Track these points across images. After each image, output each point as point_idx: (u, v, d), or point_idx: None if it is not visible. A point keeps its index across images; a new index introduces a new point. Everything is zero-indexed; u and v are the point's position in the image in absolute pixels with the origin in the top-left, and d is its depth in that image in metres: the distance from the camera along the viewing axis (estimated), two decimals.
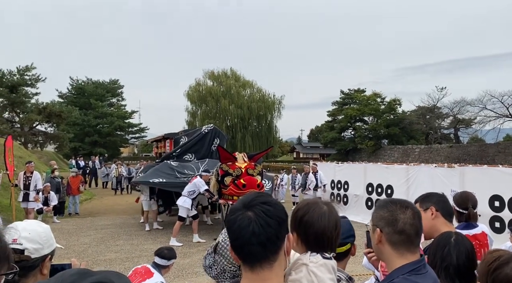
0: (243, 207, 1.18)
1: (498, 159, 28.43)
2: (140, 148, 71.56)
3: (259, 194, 1.25)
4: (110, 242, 9.11)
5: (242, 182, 8.45)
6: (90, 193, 18.72)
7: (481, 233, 2.57)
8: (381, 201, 1.64)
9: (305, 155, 66.51)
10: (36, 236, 1.54)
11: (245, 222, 1.14)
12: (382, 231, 1.53)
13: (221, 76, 42.84)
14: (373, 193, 11.80)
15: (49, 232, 1.63)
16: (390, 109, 43.61)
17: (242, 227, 1.15)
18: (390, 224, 1.51)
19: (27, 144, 30.22)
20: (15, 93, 30.68)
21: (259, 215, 1.15)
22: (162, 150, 14.36)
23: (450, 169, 9.45)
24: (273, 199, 1.24)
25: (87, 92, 48.23)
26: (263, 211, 1.16)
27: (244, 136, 40.46)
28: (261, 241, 1.13)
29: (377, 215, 1.57)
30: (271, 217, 1.16)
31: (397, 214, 1.51)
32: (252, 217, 1.15)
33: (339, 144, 45.98)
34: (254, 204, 1.17)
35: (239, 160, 8.98)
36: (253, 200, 1.19)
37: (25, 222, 1.60)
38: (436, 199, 2.25)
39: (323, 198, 12.81)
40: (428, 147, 37.42)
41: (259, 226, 1.13)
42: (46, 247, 1.56)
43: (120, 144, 51.62)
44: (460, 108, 37.19)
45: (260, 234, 1.13)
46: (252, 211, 1.16)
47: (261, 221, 1.14)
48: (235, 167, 8.76)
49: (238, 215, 1.17)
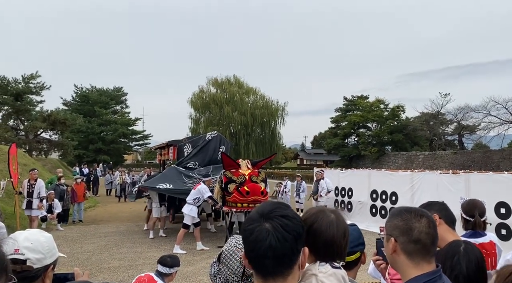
0: (261, 217, 1.16)
1: (503, 166, 28.24)
2: (143, 155, 71.76)
3: (278, 205, 1.23)
4: (114, 249, 9.08)
5: (246, 189, 8.42)
6: (94, 200, 18.73)
7: (488, 242, 2.51)
8: (395, 210, 1.60)
9: (308, 162, 66.42)
10: (38, 246, 1.53)
11: (263, 235, 1.13)
12: (396, 240, 1.48)
13: (224, 83, 43.01)
14: (378, 200, 11.73)
15: (52, 241, 1.61)
16: (393, 116, 43.55)
17: (259, 240, 1.13)
18: (405, 233, 1.47)
19: (32, 151, 30.35)
20: (20, 101, 30.90)
21: (277, 228, 1.13)
22: (165, 157, 14.36)
23: (455, 175, 9.38)
24: (292, 211, 1.22)
25: (91, 99, 48.55)
26: (281, 225, 1.14)
27: (248, 143, 40.50)
28: (277, 255, 1.12)
29: (391, 224, 1.53)
30: (289, 231, 1.14)
31: (412, 223, 1.47)
32: (270, 230, 1.13)
33: (342, 151, 45.88)
34: (272, 217, 1.16)
35: (242, 167, 8.96)
36: (272, 211, 1.18)
37: (27, 232, 1.58)
38: (438, 207, 2.22)
39: (328, 205, 12.81)
40: (432, 154, 37.25)
41: (276, 240, 1.12)
42: (48, 257, 1.55)
43: (123, 151, 51.84)
44: (464, 114, 37.05)
45: (276, 248, 1.12)
46: (269, 223, 1.14)
47: (279, 235, 1.13)
48: (239, 174, 8.74)
49: (255, 226, 1.15)
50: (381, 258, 1.80)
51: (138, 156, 73.07)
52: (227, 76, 43.80)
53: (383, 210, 11.45)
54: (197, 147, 11.86)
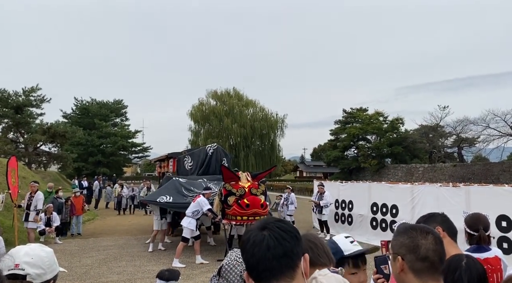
0: (257, 228, 1.17)
1: (503, 178, 28.20)
2: (143, 168, 71.61)
3: (274, 217, 1.25)
4: (113, 263, 9.00)
5: (245, 202, 8.38)
6: (93, 213, 18.63)
7: (493, 257, 2.46)
8: (400, 228, 1.58)
9: (308, 174, 66.26)
10: (39, 261, 1.51)
11: (260, 238, 1.13)
12: (404, 259, 1.46)
13: (224, 95, 43.19)
14: (378, 213, 11.67)
15: (52, 256, 1.60)
16: (392, 128, 43.63)
17: (256, 243, 1.13)
18: (412, 251, 1.45)
19: (31, 164, 30.28)
20: (20, 114, 30.95)
21: (273, 230, 1.14)
22: (165, 170, 14.34)
23: (456, 188, 9.36)
24: (286, 221, 1.23)
25: (91, 112, 48.67)
26: (277, 227, 1.15)
27: (247, 155, 40.48)
28: (277, 255, 1.10)
29: (397, 243, 1.51)
30: (285, 231, 1.14)
31: (418, 240, 1.46)
32: (266, 234, 1.14)
33: (342, 163, 45.82)
34: (268, 223, 1.17)
35: (242, 179, 8.93)
36: (267, 222, 1.19)
37: (27, 247, 1.57)
38: (440, 219, 2.20)
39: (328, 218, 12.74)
40: (432, 166, 37.22)
41: (274, 240, 1.12)
42: (49, 272, 1.53)
43: (123, 164, 51.76)
44: (463, 127, 37.14)
45: (275, 247, 1.11)
46: (266, 230, 1.15)
47: (276, 235, 1.13)
48: (239, 187, 8.70)
49: (251, 234, 1.16)
50: (381, 276, 1.78)
51: (137, 169, 72.92)
52: (227, 89, 44.07)
53: (384, 223, 11.39)
54: (200, 161, 11.87)
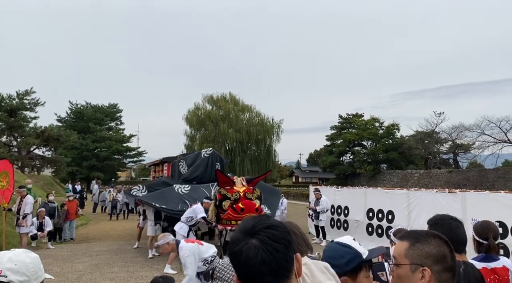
0: (245, 235, 1.09)
1: (498, 185, 28.30)
2: (137, 172, 71.27)
3: (259, 218, 1.16)
4: (105, 269, 8.87)
5: (240, 206, 8.28)
6: (86, 218, 18.45)
7: (501, 267, 2.37)
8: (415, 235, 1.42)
9: (304, 180, 66.33)
10: (22, 267, 1.43)
11: (252, 251, 1.06)
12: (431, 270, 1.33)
13: (220, 100, 43.15)
14: (374, 219, 11.61)
15: (38, 262, 1.52)
16: (388, 134, 43.78)
17: (250, 258, 1.06)
18: (440, 262, 1.34)
19: (24, 168, 30.02)
20: (14, 117, 30.71)
21: (265, 241, 1.07)
22: (160, 174, 14.23)
23: (452, 194, 9.33)
24: (275, 220, 1.16)
25: (86, 116, 48.45)
26: (268, 236, 1.08)
27: (243, 160, 40.38)
28: (272, 269, 1.06)
29: (420, 252, 1.36)
30: (278, 241, 1.08)
31: (444, 249, 1.35)
32: (258, 245, 1.07)
33: (338, 169, 45.86)
34: (257, 231, 1.09)
35: (237, 184, 8.84)
36: (255, 226, 1.11)
37: (11, 252, 1.49)
38: (444, 229, 2.05)
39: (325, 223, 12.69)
40: (428, 172, 37.31)
41: (268, 253, 1.06)
42: (33, 279, 1.46)
43: (117, 168, 51.44)
44: (459, 133, 37.30)
45: (270, 262, 1.05)
46: (256, 238, 1.08)
47: (269, 248, 1.06)
48: (233, 191, 8.61)
49: (242, 245, 1.08)
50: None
51: (132, 173, 72.56)
52: (223, 93, 44.03)
53: (380, 229, 11.33)
54: (194, 165, 11.76)
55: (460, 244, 2.08)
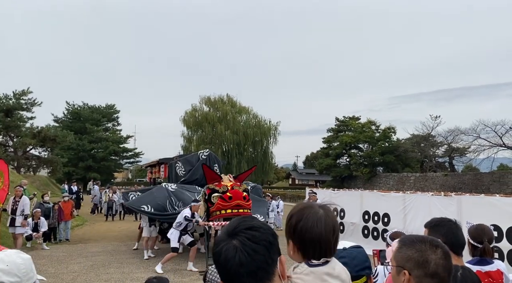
0: (228, 237, 1.09)
1: (493, 188, 28.43)
2: (134, 173, 71.08)
3: (243, 219, 1.16)
4: (101, 270, 8.83)
5: (228, 195, 8.44)
6: (82, 219, 18.37)
7: (495, 271, 2.38)
8: (406, 239, 1.46)
9: (300, 182, 66.29)
10: (14, 268, 1.43)
11: (231, 253, 1.05)
12: (411, 274, 1.35)
13: (217, 102, 43.17)
14: (370, 221, 11.63)
15: (30, 263, 1.51)
16: (384, 137, 43.90)
17: (228, 259, 1.05)
18: (420, 266, 1.34)
19: (20, 168, 29.87)
20: (10, 117, 30.56)
21: (244, 243, 1.06)
22: (156, 176, 14.22)
23: (447, 198, 9.37)
24: (258, 221, 1.15)
25: (83, 116, 48.33)
26: (247, 237, 1.07)
27: (240, 162, 40.38)
28: (250, 271, 1.04)
29: (403, 255, 1.39)
30: (257, 242, 1.07)
31: (428, 255, 1.35)
32: (237, 245, 1.06)
33: (334, 171, 45.93)
34: (238, 232, 1.09)
35: (225, 180, 8.97)
36: (237, 227, 1.11)
37: (3, 253, 1.48)
38: (446, 231, 2.08)
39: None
40: (423, 175, 37.43)
41: (246, 255, 1.04)
42: (25, 281, 1.45)
43: (114, 169, 51.32)
44: (455, 137, 37.45)
45: (248, 263, 1.04)
46: (236, 239, 1.07)
47: (247, 249, 1.05)
48: (221, 185, 8.77)
49: (223, 246, 1.08)
50: None
51: (128, 174, 72.36)
52: (220, 95, 44.04)
53: (375, 231, 11.35)
54: (194, 168, 11.77)
55: (459, 247, 2.09)
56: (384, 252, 3.44)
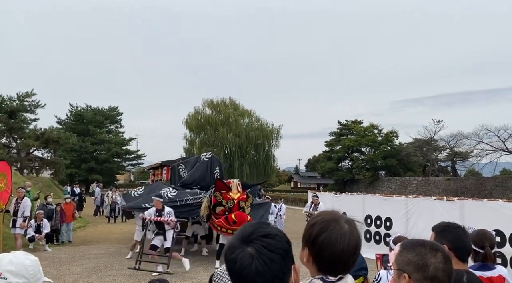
0: (242, 243, 1.08)
1: (495, 193, 28.34)
2: (136, 175, 71.14)
3: (257, 225, 1.14)
4: (103, 272, 8.85)
5: (233, 218, 8.65)
6: (84, 220, 18.40)
7: (497, 276, 2.38)
8: (407, 243, 1.49)
9: (302, 185, 66.22)
10: (22, 269, 1.45)
11: (247, 261, 1.04)
12: (410, 277, 1.38)
13: (220, 104, 43.25)
14: (372, 225, 11.62)
15: (37, 265, 1.54)
16: (387, 141, 43.87)
17: (244, 267, 1.04)
18: (420, 270, 1.36)
19: (23, 170, 29.97)
20: (14, 119, 30.72)
21: (260, 251, 1.05)
22: (158, 178, 14.22)
23: (450, 202, 9.36)
24: (273, 228, 1.14)
25: (86, 118, 48.48)
26: (264, 246, 1.06)
27: (242, 165, 40.37)
28: (266, 280, 1.04)
29: (404, 259, 1.42)
30: (274, 251, 1.06)
31: (427, 258, 1.37)
32: (253, 254, 1.05)
33: (336, 175, 45.89)
34: (253, 239, 1.08)
35: (233, 189, 9.07)
36: (252, 233, 1.09)
37: (11, 254, 1.51)
38: (453, 236, 2.08)
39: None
40: (426, 179, 37.36)
41: (262, 263, 1.04)
42: (32, 282, 1.48)
43: (116, 171, 51.42)
44: (457, 141, 37.42)
45: (265, 272, 1.03)
46: (251, 247, 1.06)
47: (264, 258, 1.04)
48: (228, 198, 8.94)
49: (238, 254, 1.07)
50: None
51: (131, 176, 72.44)
52: (223, 98, 44.12)
53: (377, 235, 11.34)
54: (193, 169, 11.80)
55: (465, 253, 2.09)
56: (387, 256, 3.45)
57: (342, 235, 1.27)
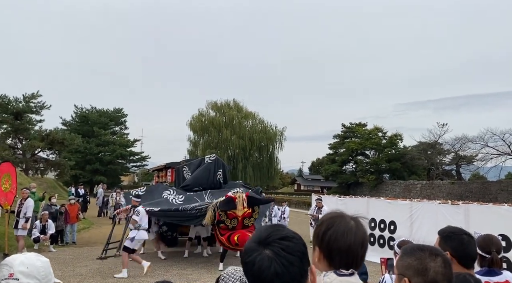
0: (259, 245, 1.09)
1: (500, 197, 28.17)
2: (140, 177, 71.32)
3: (273, 228, 1.15)
4: (107, 273, 8.87)
5: (235, 241, 8.85)
6: (88, 221, 18.46)
7: (504, 282, 2.37)
8: (407, 248, 1.51)
9: (306, 188, 66.08)
10: (34, 270, 1.48)
11: (265, 263, 1.05)
12: (410, 281, 1.40)
13: (224, 107, 43.34)
14: (376, 229, 11.58)
15: (48, 266, 1.56)
16: (391, 144, 43.74)
17: (263, 269, 1.05)
18: (419, 274, 1.38)
19: (28, 170, 30.13)
20: (20, 120, 30.87)
21: (278, 253, 1.06)
22: (163, 180, 14.26)
23: (455, 206, 9.32)
24: (289, 231, 1.15)
25: (91, 120, 48.67)
26: (282, 248, 1.07)
27: (245, 167, 40.39)
28: (285, 282, 1.05)
29: (404, 263, 1.44)
30: (292, 253, 1.07)
31: (427, 263, 1.39)
32: (271, 256, 1.06)
33: (340, 177, 45.79)
34: (271, 242, 1.08)
35: (238, 206, 9.09)
36: (269, 236, 1.10)
37: (23, 256, 1.54)
38: (456, 244, 2.07)
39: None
40: (430, 183, 37.20)
41: (281, 266, 1.04)
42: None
43: (120, 173, 51.56)
44: (462, 144, 37.24)
45: (283, 274, 1.04)
46: (269, 249, 1.07)
47: (283, 260, 1.05)
48: (233, 216, 9.03)
49: (256, 256, 1.07)
50: None
51: (135, 178, 72.64)
52: (227, 100, 44.21)
53: (382, 239, 11.30)
54: (197, 171, 11.81)
55: (469, 260, 2.09)
56: (392, 260, 3.45)
57: (349, 230, 1.34)
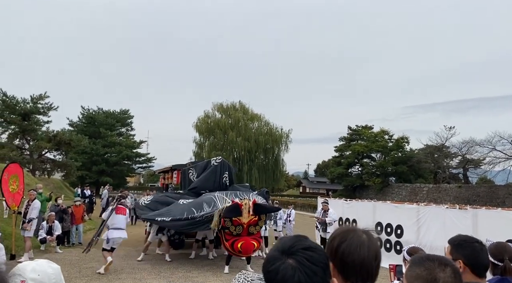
0: (282, 254, 1.09)
1: (508, 202, 27.89)
2: (146, 178, 71.58)
3: (297, 238, 1.16)
4: (113, 275, 8.89)
5: (239, 248, 8.91)
6: (94, 223, 18.52)
7: None
8: (416, 257, 1.50)
9: (311, 190, 65.93)
10: (45, 277, 1.49)
11: (289, 272, 1.05)
12: None
13: (229, 108, 43.36)
14: (383, 233, 11.50)
15: (59, 273, 1.57)
16: (397, 147, 43.50)
17: (286, 278, 1.04)
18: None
19: (35, 171, 30.33)
20: (27, 121, 31.12)
21: (302, 263, 1.06)
22: (169, 181, 14.29)
23: (463, 211, 9.22)
24: (312, 242, 1.15)
25: (97, 121, 48.93)
26: (306, 258, 1.07)
27: (251, 169, 40.36)
28: None
29: (412, 273, 1.42)
30: (316, 264, 1.07)
31: (436, 273, 1.37)
32: (295, 265, 1.06)
33: (346, 180, 45.61)
34: (295, 251, 1.09)
35: (244, 213, 9.07)
36: (292, 246, 1.11)
37: (35, 262, 1.55)
38: (469, 252, 2.04)
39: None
40: (437, 187, 36.93)
41: (305, 275, 1.04)
42: None
43: (126, 174, 51.75)
44: (469, 148, 36.95)
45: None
46: (293, 258, 1.07)
47: (306, 270, 1.05)
48: (238, 223, 9.03)
49: (279, 265, 1.07)
50: None
51: (140, 179, 72.91)
52: (233, 102, 44.22)
53: (388, 243, 11.22)
54: (203, 174, 11.81)
55: (482, 269, 2.06)
56: (401, 267, 3.41)
57: (361, 243, 1.35)
